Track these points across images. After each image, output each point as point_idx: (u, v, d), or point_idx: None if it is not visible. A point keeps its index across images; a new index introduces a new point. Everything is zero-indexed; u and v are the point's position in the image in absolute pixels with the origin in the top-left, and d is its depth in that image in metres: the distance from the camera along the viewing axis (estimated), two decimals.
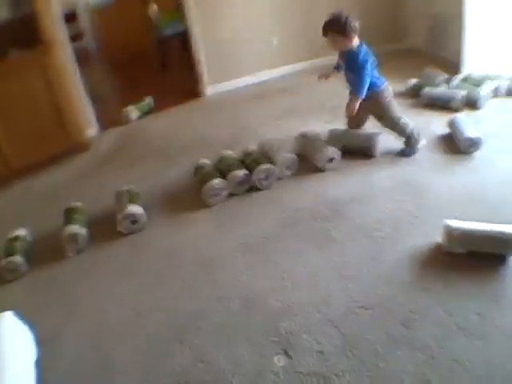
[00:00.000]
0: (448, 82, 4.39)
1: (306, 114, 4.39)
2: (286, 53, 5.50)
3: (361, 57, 3.14)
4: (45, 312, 2.57)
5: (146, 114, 5.10)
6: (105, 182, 3.81)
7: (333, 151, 3.36)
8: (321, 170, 3.38)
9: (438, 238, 2.57)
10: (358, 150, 3.47)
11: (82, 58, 4.91)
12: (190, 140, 3.21)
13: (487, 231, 2.39)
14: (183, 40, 6.37)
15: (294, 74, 5.51)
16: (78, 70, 4.56)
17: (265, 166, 3.24)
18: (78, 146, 4.39)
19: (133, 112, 4.99)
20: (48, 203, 3.66)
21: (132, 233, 3.08)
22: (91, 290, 2.70)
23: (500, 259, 2.39)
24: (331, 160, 3.36)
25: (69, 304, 2.63)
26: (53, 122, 4.16)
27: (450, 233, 2.44)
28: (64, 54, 4.32)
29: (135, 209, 3.06)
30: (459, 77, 4.44)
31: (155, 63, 6.87)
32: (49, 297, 2.71)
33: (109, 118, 5.01)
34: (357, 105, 3.20)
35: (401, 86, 4.46)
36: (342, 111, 3.39)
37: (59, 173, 4.16)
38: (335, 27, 3.12)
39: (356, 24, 3.09)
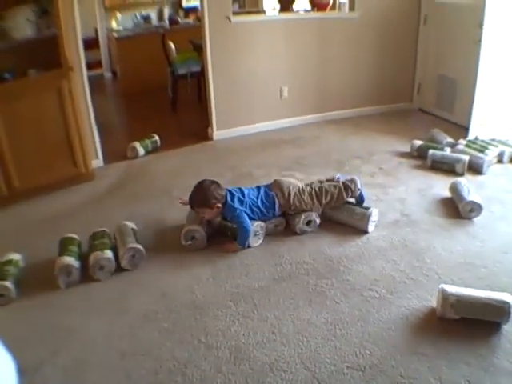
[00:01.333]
0: (453, 145, 4.45)
1: (311, 167, 4.42)
2: (295, 104, 5.58)
3: (235, 211, 3.21)
4: (30, 342, 2.51)
5: (151, 151, 5.10)
6: (104, 215, 3.78)
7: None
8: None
9: (433, 301, 2.56)
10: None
11: (97, 86, 4.95)
12: (193, 182, 3.23)
13: (482, 298, 2.38)
14: (199, 80, 6.57)
15: (302, 126, 5.59)
16: (91, 98, 4.60)
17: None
18: (82, 176, 4.37)
19: (138, 147, 5.00)
20: (45, 230, 3.61)
21: (127, 270, 3.06)
22: (79, 326, 2.64)
23: (494, 326, 2.38)
24: (309, 223, 3.35)
25: (55, 337, 2.56)
26: (60, 147, 4.15)
27: (446, 298, 2.42)
28: (80, 79, 4.38)
29: (137, 244, 3.08)
30: (464, 141, 4.51)
31: (167, 101, 6.90)
32: (35, 327, 2.64)
33: (115, 151, 5.03)
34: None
35: (406, 147, 4.55)
36: (350, 167, 3.53)
37: (60, 200, 4.12)
38: (198, 204, 3.23)
39: (218, 191, 3.20)
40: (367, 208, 3.33)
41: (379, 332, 2.43)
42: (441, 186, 3.86)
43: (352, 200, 3.45)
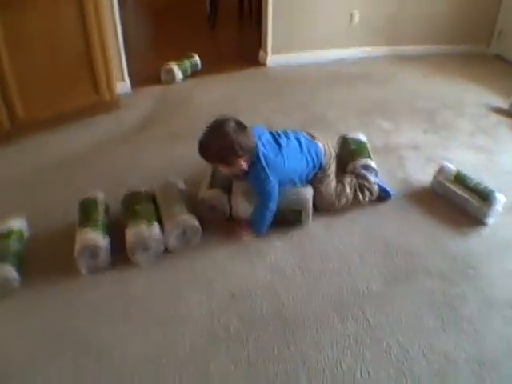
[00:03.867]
0: None
1: (397, 115, 3.53)
2: (365, 32, 4.70)
3: (267, 182, 2.19)
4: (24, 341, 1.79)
5: (190, 75, 4.22)
6: (135, 163, 2.92)
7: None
8: None
9: None
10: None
11: None
12: (251, 119, 2.34)
13: None
14: None
15: (372, 60, 4.71)
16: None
17: None
18: (104, 104, 3.45)
19: (176, 70, 4.06)
20: (55, 180, 2.74)
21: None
22: (109, 340, 1.81)
23: None
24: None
25: (60, 338, 1.82)
26: (78, 67, 3.23)
27: None
28: None
29: (190, 216, 2.22)
30: None
31: (202, 16, 5.95)
32: (39, 326, 1.87)
33: (144, 74, 4.13)
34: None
35: (499, 101, 3.79)
36: (442, 119, 2.98)
37: (76, 137, 3.21)
38: (211, 155, 2.17)
39: (245, 140, 2.12)
40: (490, 192, 2.42)
41: None
42: None
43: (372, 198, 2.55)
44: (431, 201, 2.56)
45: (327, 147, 2.40)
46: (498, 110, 3.67)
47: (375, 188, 2.50)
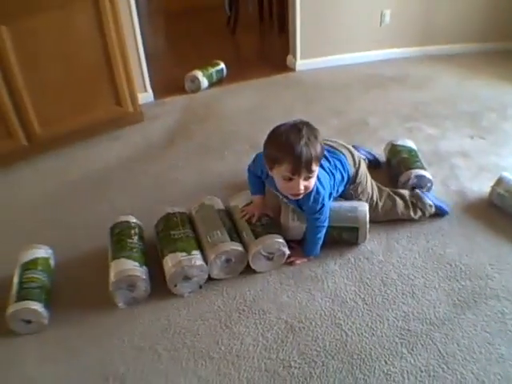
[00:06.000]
0: None
1: (439, 119, 3.30)
2: (397, 32, 4.46)
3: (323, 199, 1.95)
4: None
5: (215, 83, 4.03)
6: (166, 180, 2.72)
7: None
8: None
9: None
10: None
11: None
12: None
13: None
14: None
15: (406, 61, 4.46)
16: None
17: None
18: (128, 116, 3.27)
19: (201, 78, 3.87)
20: (81, 199, 2.56)
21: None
22: (135, 372, 1.64)
23: None
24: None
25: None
26: (97, 79, 3.05)
27: None
28: None
29: (235, 244, 1.97)
30: None
31: (222, 20, 5.78)
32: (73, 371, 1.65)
33: (167, 83, 3.96)
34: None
35: None
36: (487, 122, 2.90)
37: (99, 153, 3.02)
38: (312, 156, 1.77)
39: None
40: None
41: None
42: None
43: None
44: (490, 214, 2.33)
45: (349, 155, 2.17)
46: None
47: (430, 210, 2.28)
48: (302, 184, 1.80)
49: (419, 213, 2.27)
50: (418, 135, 3.04)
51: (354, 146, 2.33)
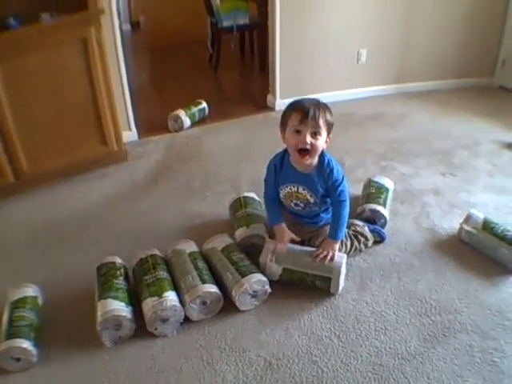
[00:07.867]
0: None
1: (412, 157, 3.43)
2: (373, 71, 4.62)
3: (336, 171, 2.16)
4: None
5: (198, 121, 4.12)
6: (148, 220, 2.79)
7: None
8: None
9: None
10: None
11: None
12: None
13: None
14: (243, 35, 5.63)
15: (382, 99, 4.62)
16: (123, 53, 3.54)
17: None
18: (112, 156, 3.34)
19: (184, 117, 3.96)
20: (67, 237, 2.63)
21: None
22: None
23: None
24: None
25: None
26: (84, 117, 3.12)
27: None
28: (111, 28, 3.34)
29: (211, 286, 2.05)
30: None
31: (204, 58, 5.94)
32: None
33: (150, 122, 4.02)
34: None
35: (508, 135, 3.69)
36: (459, 160, 2.92)
37: (83, 191, 3.10)
38: (323, 121, 2.02)
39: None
40: None
41: None
42: None
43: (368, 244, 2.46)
44: (460, 250, 2.44)
45: None
46: (509, 146, 3.59)
47: (366, 230, 2.41)
48: (309, 138, 1.96)
49: (361, 239, 2.39)
50: (392, 174, 3.14)
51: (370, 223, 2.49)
